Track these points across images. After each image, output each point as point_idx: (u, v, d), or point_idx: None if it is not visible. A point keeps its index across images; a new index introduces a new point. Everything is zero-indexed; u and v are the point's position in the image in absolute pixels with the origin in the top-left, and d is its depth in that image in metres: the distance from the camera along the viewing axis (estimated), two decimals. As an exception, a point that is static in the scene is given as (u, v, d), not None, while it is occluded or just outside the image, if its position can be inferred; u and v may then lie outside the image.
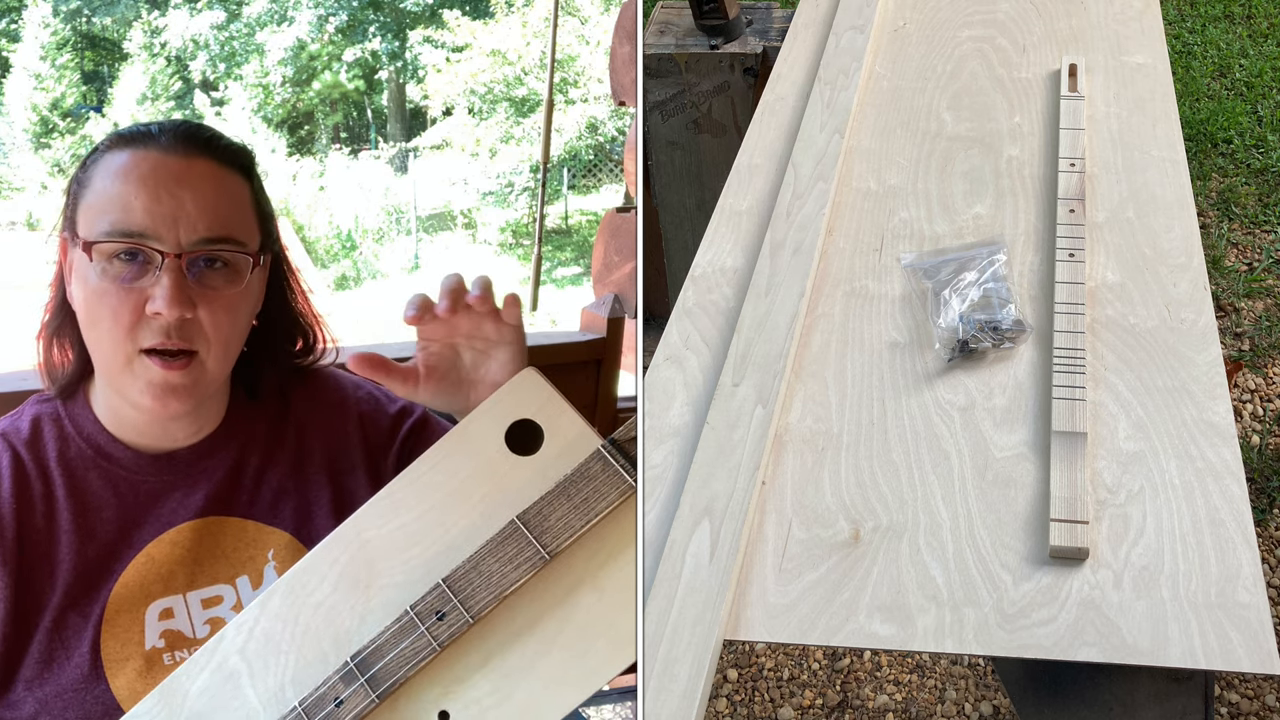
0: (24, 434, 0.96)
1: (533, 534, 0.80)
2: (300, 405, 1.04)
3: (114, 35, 12.66)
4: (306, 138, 12.69)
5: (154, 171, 0.92)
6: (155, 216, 0.90)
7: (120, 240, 0.90)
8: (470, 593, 0.80)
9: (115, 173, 0.92)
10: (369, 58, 12.13)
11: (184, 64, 12.06)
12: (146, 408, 0.92)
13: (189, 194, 0.92)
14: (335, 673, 0.81)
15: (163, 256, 0.90)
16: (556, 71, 8.44)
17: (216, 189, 0.94)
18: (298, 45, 11.82)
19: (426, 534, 0.83)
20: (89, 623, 0.92)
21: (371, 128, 12.89)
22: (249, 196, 0.98)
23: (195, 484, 0.98)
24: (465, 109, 10.77)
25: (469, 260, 10.45)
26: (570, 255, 10.58)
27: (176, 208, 0.91)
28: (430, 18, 11.69)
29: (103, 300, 0.90)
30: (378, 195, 11.18)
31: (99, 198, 0.92)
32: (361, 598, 0.83)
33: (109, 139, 0.97)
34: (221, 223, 0.93)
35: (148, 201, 0.91)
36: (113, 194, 0.92)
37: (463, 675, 0.81)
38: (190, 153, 0.94)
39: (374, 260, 10.83)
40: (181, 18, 11.84)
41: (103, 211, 0.91)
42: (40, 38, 12.12)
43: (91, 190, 0.93)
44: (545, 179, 8.04)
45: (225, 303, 0.93)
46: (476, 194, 10.92)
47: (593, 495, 0.80)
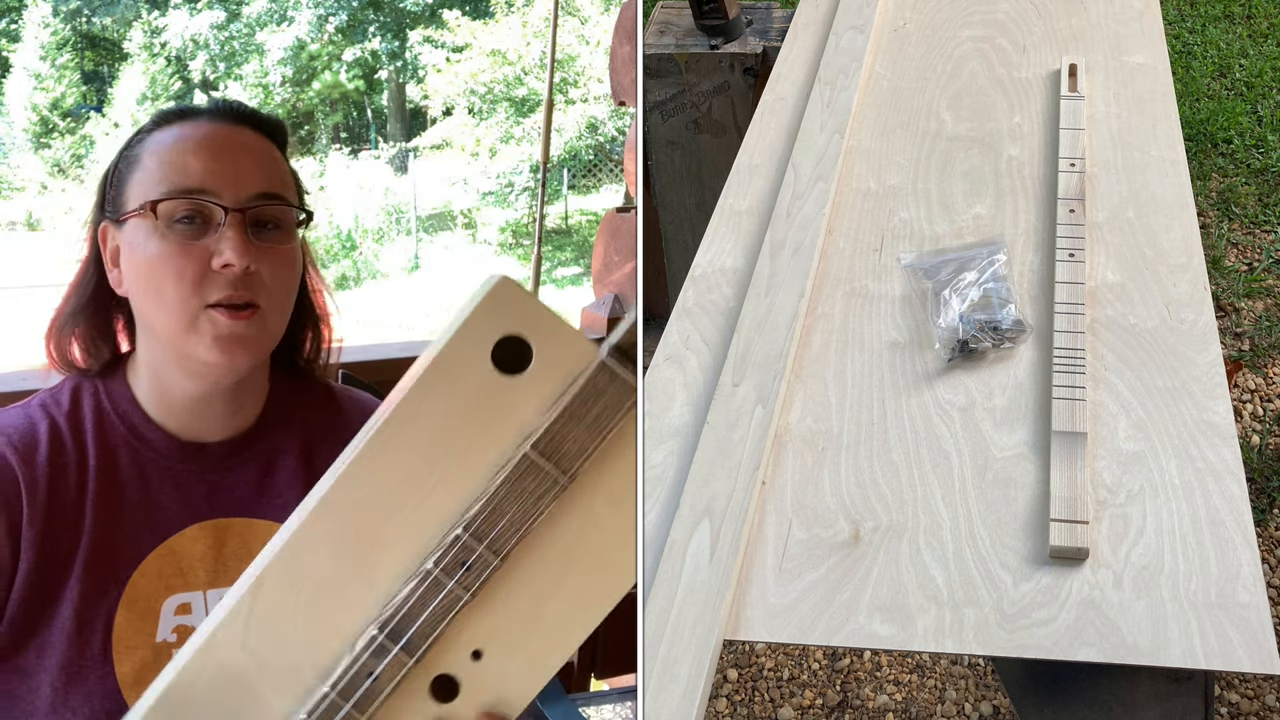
0: (64, 406, 0.97)
1: (551, 462, 0.76)
2: (332, 418, 1.05)
3: (114, 35, 12.67)
4: (306, 138, 12.70)
5: (207, 137, 0.97)
6: (215, 174, 0.95)
7: (184, 197, 0.94)
8: (495, 535, 0.76)
9: (169, 144, 0.97)
10: (369, 58, 12.14)
11: (184, 64, 12.07)
12: (214, 363, 0.93)
13: (242, 155, 0.97)
14: (364, 648, 0.76)
15: (225, 211, 0.94)
16: (556, 71, 8.43)
17: (265, 154, 1.00)
18: (297, 45, 11.83)
19: (427, 480, 0.77)
20: (105, 601, 0.93)
21: (371, 128, 12.90)
22: (286, 166, 1.03)
23: (223, 480, 0.98)
24: (465, 109, 10.77)
25: (469, 260, 10.45)
26: (570, 255, 10.58)
27: (233, 166, 0.96)
28: (430, 18, 11.69)
29: (166, 262, 0.93)
30: (378, 195, 11.19)
31: (153, 168, 0.96)
32: (368, 563, 0.77)
33: (154, 120, 1.02)
34: (273, 181, 0.98)
35: (207, 161, 0.95)
36: (169, 161, 0.96)
37: (491, 610, 0.78)
38: (237, 121, 1.00)
39: (374, 260, 10.83)
40: (181, 17, 11.84)
41: (160, 179, 0.95)
42: (40, 38, 12.13)
43: (142, 166, 0.97)
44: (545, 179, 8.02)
45: (282, 257, 0.97)
46: (476, 194, 10.92)
47: (604, 413, 0.76)
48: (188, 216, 0.94)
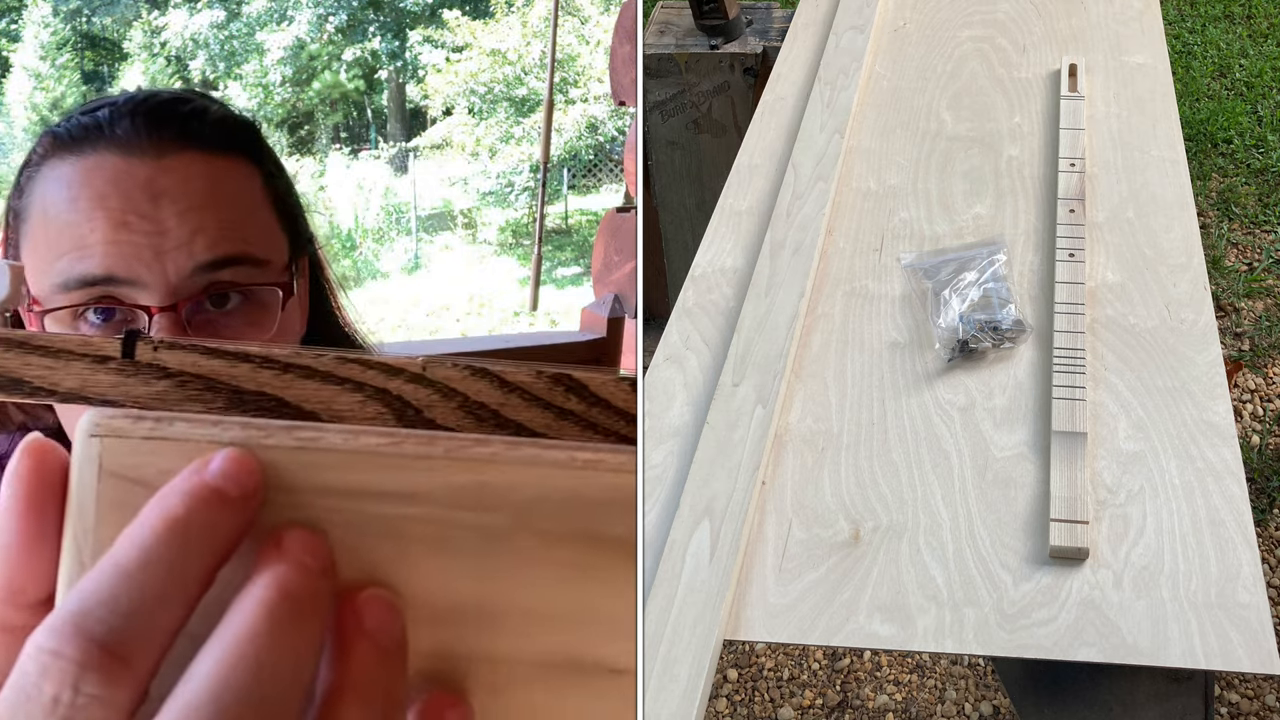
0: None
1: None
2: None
3: (114, 35, 12.67)
4: (306, 138, 12.70)
5: (113, 185, 0.64)
6: (124, 251, 0.63)
7: (81, 297, 0.63)
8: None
9: (58, 195, 0.65)
10: (369, 57, 12.13)
11: (184, 64, 12.06)
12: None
13: (170, 207, 0.64)
14: None
15: (148, 313, 0.63)
16: (556, 71, 8.44)
17: (209, 192, 0.66)
18: (297, 45, 11.82)
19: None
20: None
21: (371, 128, 12.89)
22: (260, 189, 0.70)
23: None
24: (465, 109, 10.77)
25: (469, 260, 10.45)
26: (570, 255, 10.58)
27: (154, 232, 0.63)
28: (430, 18, 11.69)
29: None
30: (378, 195, 11.18)
31: (45, 235, 0.65)
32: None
33: (43, 143, 0.68)
34: (226, 237, 0.66)
35: (109, 231, 0.63)
36: (59, 228, 0.64)
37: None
38: (162, 146, 0.65)
39: (374, 260, 10.83)
40: (181, 17, 11.84)
41: (51, 256, 0.64)
42: (40, 38, 12.13)
43: (32, 224, 0.66)
44: (545, 179, 8.04)
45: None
46: (476, 194, 10.92)
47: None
48: (102, 312, 0.64)
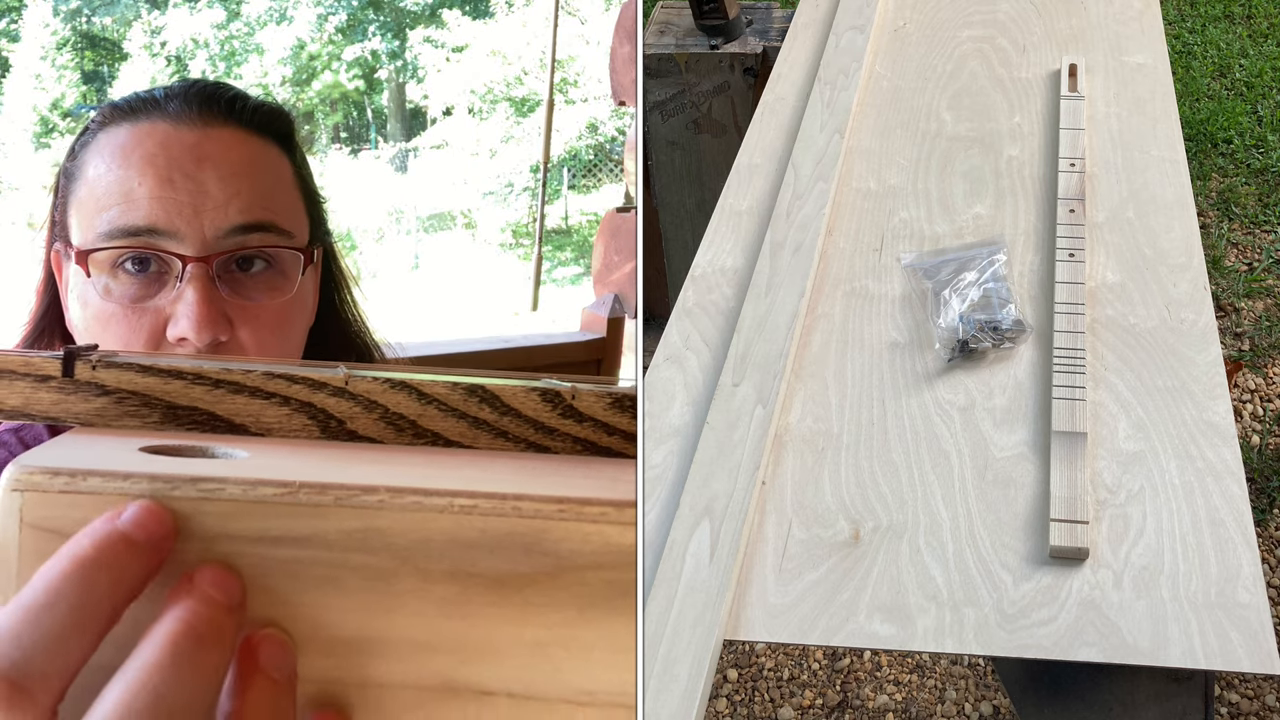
0: (17, 448, 0.83)
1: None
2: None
3: (114, 35, 12.66)
4: (307, 138, 12.66)
5: (162, 147, 0.70)
6: (168, 206, 0.69)
7: (123, 244, 0.69)
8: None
9: (112, 155, 0.71)
10: (369, 57, 12.13)
11: (184, 64, 12.05)
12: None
13: (211, 172, 0.70)
14: None
15: (183, 262, 0.69)
16: (556, 71, 8.44)
17: (247, 163, 0.72)
18: (297, 45, 11.82)
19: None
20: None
21: (371, 128, 12.89)
22: (290, 173, 0.77)
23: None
24: (465, 109, 10.77)
25: (469, 260, 10.45)
26: (570, 255, 10.58)
27: (196, 192, 0.69)
28: (430, 18, 11.69)
29: (107, 327, 0.69)
30: (378, 195, 11.18)
31: (93, 191, 0.71)
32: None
33: (102, 113, 0.75)
34: (259, 206, 0.71)
35: (155, 186, 0.69)
36: (110, 183, 0.70)
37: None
38: (209, 119, 0.72)
39: (374, 260, 10.83)
40: (181, 17, 11.84)
41: (99, 208, 0.70)
42: (40, 38, 12.13)
43: (83, 182, 0.72)
44: (545, 179, 8.04)
45: (272, 317, 0.72)
46: (476, 194, 10.92)
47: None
48: (138, 260, 0.69)
